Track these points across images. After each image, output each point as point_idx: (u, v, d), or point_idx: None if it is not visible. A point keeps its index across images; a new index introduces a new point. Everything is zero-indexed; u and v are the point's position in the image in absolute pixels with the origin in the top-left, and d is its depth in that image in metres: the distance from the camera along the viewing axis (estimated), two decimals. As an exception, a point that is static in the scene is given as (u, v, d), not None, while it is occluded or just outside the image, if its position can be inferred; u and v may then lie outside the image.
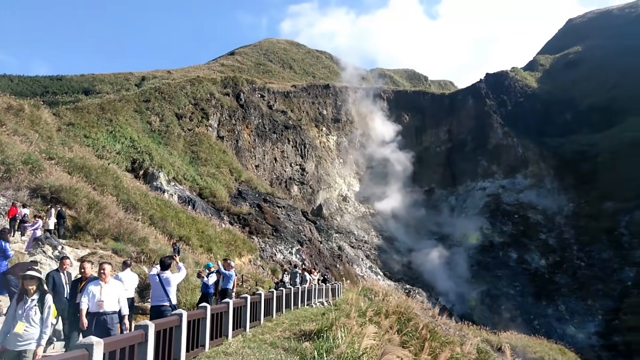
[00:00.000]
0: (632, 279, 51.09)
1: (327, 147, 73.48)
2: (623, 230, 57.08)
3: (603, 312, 49.35)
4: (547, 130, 77.06)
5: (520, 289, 56.79)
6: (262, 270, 30.07)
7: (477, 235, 66.48)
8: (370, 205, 72.36)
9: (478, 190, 73.81)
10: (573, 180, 68.19)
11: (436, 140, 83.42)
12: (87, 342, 4.42)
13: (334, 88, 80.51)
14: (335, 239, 58.09)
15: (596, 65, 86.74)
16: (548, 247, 61.02)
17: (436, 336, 12.42)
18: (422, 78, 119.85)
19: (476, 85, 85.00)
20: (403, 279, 58.86)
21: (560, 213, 65.00)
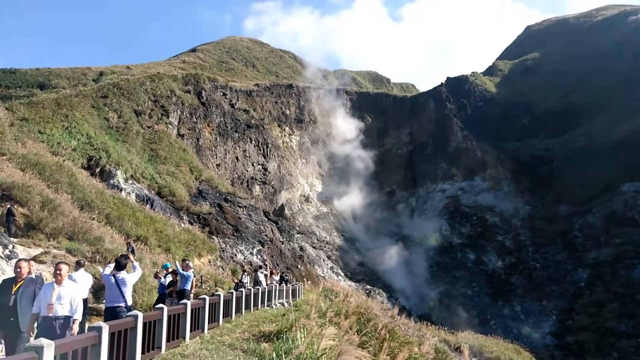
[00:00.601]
0: (585, 280, 53.02)
1: (290, 147, 73.31)
2: (577, 233, 59.25)
3: (557, 313, 50.97)
4: (505, 134, 79.32)
5: (478, 289, 58.11)
6: (222, 271, 29.67)
7: (436, 237, 67.70)
8: (332, 206, 72.65)
9: (438, 192, 75.22)
10: (529, 183, 70.40)
11: (398, 142, 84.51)
12: (37, 344, 4.21)
13: (297, 88, 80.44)
14: (297, 240, 58.00)
15: (552, 72, 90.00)
16: (505, 248, 62.69)
17: (395, 336, 12.53)
18: (385, 80, 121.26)
19: (437, 89, 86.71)
20: (364, 279, 59.33)
21: (517, 215, 66.92)
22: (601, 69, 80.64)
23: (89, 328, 5.70)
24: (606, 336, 44.62)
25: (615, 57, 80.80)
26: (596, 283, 51.53)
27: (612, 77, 76.52)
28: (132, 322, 6.84)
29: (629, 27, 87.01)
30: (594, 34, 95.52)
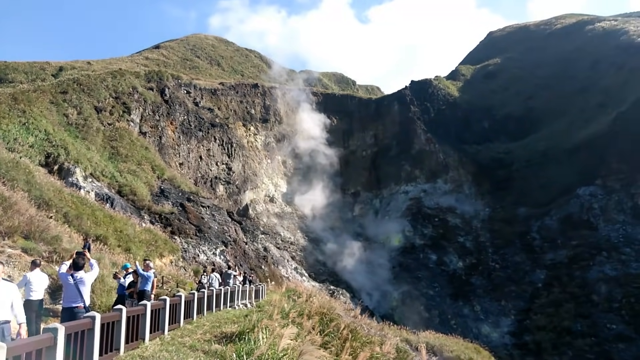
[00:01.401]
0: (542, 280, 54.65)
1: (255, 147, 72.83)
2: (535, 235, 61.05)
3: (515, 312, 52.31)
4: (467, 137, 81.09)
5: (439, 289, 59.10)
6: (185, 271, 29.22)
7: (399, 238, 68.54)
8: (297, 206, 72.56)
9: (401, 194, 76.18)
10: (489, 186, 72.16)
11: (362, 144, 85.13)
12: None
13: (262, 87, 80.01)
14: (261, 240, 57.66)
15: (513, 77, 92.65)
16: (465, 249, 64.00)
17: (357, 336, 12.62)
18: (351, 82, 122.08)
19: (402, 92, 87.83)
20: (328, 280, 59.50)
21: (477, 217, 68.44)
22: (560, 76, 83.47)
23: (44, 329, 5.53)
24: (562, 335, 46.13)
25: (574, 64, 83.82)
26: (553, 284, 53.20)
27: (571, 84, 79.30)
28: (90, 323, 6.68)
29: (586, 35, 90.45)
30: (554, 42, 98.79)
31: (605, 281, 49.48)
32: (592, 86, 74.28)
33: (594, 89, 73.41)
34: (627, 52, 73.24)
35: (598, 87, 72.78)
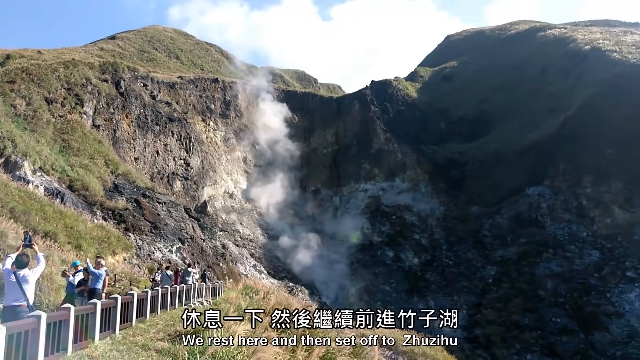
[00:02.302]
0: (492, 276, 56.50)
1: (214, 142, 71.89)
2: (486, 232, 63.00)
3: (467, 307, 53.88)
4: (424, 138, 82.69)
5: (395, 285, 60.18)
6: (139, 269, 28.62)
7: (358, 235, 69.34)
8: (256, 203, 72.17)
9: (360, 192, 77.04)
10: (445, 185, 73.93)
11: (323, 142, 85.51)
12: None
13: (223, 82, 79.02)
14: (219, 237, 57.08)
15: (469, 80, 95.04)
16: (421, 246, 65.39)
17: (314, 332, 12.73)
18: (312, 80, 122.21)
19: (362, 92, 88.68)
20: (287, 277, 59.55)
21: (433, 215, 70.01)
22: (512, 80, 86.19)
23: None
24: (511, 329, 47.88)
25: (525, 69, 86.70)
26: (502, 279, 55.08)
27: (522, 88, 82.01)
28: (34, 323, 6.51)
29: (537, 42, 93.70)
30: (507, 47, 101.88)
31: (551, 277, 51.68)
32: (542, 91, 77.13)
33: (544, 93, 76.25)
34: (575, 59, 76.43)
35: (547, 92, 75.65)
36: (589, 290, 48.54)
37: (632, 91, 58.63)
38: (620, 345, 42.16)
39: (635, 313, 44.31)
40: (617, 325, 44.06)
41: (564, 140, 61.97)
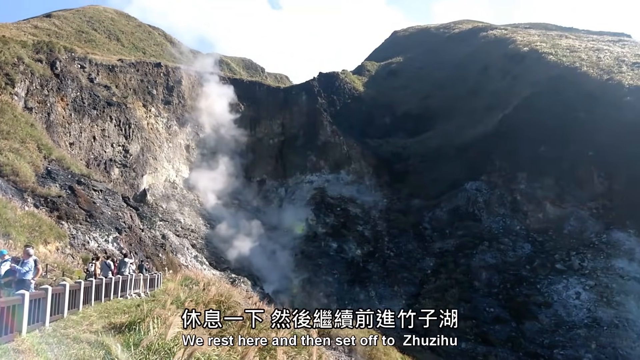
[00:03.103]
0: (431, 267, 58.28)
1: (156, 129, 69.63)
2: (426, 225, 64.84)
3: (406, 297, 55.34)
4: (369, 131, 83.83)
5: (338, 276, 60.86)
6: (72, 259, 27.36)
7: (302, 226, 69.52)
8: (199, 193, 70.71)
9: (306, 184, 77.23)
10: (388, 178, 75.40)
11: (270, 132, 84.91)
12: None
13: (166, 67, 76.58)
14: (159, 227, 55.53)
15: (413, 76, 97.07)
16: (364, 238, 66.44)
17: (255, 323, 12.64)
18: (260, 69, 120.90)
19: (310, 83, 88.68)
20: (229, 268, 58.83)
21: (376, 207, 71.25)
22: (454, 78, 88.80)
23: None
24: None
25: (467, 68, 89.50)
26: (440, 270, 56.94)
27: (463, 86, 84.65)
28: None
29: (479, 42, 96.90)
30: (451, 45, 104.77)
31: (486, 268, 53.97)
32: (482, 89, 79.93)
33: (483, 92, 79.06)
34: (514, 59, 79.64)
35: (487, 91, 78.48)
36: (520, 281, 51.03)
37: (565, 93, 61.89)
38: (548, 334, 44.65)
39: (563, 303, 47.01)
40: (545, 314, 46.60)
41: (501, 137, 64.60)
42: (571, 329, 44.22)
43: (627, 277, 46.42)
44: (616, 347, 41.09)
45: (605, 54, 71.64)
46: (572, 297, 47.21)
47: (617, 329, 42.44)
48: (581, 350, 41.87)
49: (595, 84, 61.38)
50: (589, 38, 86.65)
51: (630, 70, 63.30)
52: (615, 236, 50.24)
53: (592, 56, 70.62)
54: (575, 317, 45.24)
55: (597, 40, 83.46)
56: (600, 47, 76.03)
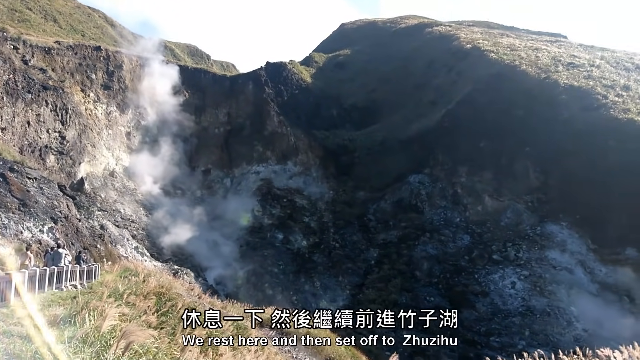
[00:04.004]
0: (375, 258, 59.38)
1: (95, 116, 66.65)
2: (371, 217, 65.96)
3: (350, 287, 56.16)
4: (316, 123, 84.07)
5: (283, 267, 60.93)
6: (4, 249, 25.85)
7: (248, 217, 68.92)
8: (140, 182, 68.50)
9: (252, 174, 76.50)
10: (334, 170, 75.99)
11: (215, 121, 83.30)
12: None
13: (106, 51, 73.29)
14: (97, 217, 53.40)
15: (360, 69, 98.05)
16: (310, 229, 66.76)
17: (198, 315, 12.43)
18: (205, 56, 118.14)
19: (257, 72, 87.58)
20: (171, 259, 57.55)
21: (322, 199, 71.71)
22: (400, 72, 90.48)
23: None
24: (389, 307, 50.75)
25: (413, 62, 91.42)
26: (384, 261, 58.16)
27: (409, 81, 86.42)
28: None
29: (425, 37, 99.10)
30: (397, 40, 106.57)
31: (427, 259, 55.65)
32: (426, 85, 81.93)
33: (428, 87, 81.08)
34: (457, 56, 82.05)
35: (431, 86, 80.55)
36: (459, 271, 52.96)
37: (505, 90, 64.45)
38: (485, 322, 46.62)
39: (499, 292, 49.20)
40: (482, 303, 48.62)
41: (444, 132, 66.54)
42: (506, 317, 46.38)
43: (559, 267, 49.13)
44: (548, 333, 43.48)
45: (543, 53, 75.11)
46: (507, 287, 49.48)
47: (548, 317, 44.90)
48: (515, 337, 44.01)
49: (534, 82, 64.29)
50: (529, 37, 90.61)
51: (566, 70, 66.75)
52: (549, 228, 53.00)
53: (531, 55, 73.85)
54: (511, 306, 47.48)
55: (536, 40, 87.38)
56: (538, 47, 79.64)
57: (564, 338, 42.46)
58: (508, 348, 42.08)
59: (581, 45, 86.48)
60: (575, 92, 60.22)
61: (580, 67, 68.24)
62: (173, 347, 8.29)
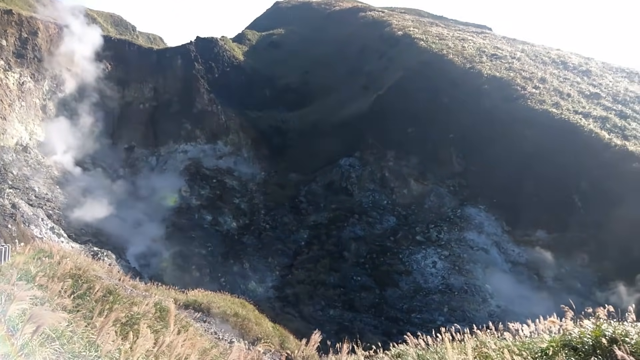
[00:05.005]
0: (305, 239, 59.81)
1: (6, 86, 61.45)
2: (302, 199, 66.22)
3: (280, 269, 56.28)
4: (249, 102, 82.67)
5: (212, 249, 59.88)
6: None
7: (175, 197, 66.90)
8: (57, 159, 64.29)
9: (180, 153, 74.18)
10: (267, 151, 75.34)
11: (140, 96, 79.56)
12: None
13: (19, 16, 67.50)
14: (8, 195, 49.63)
15: (294, 50, 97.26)
16: (240, 210, 65.96)
17: (118, 298, 11.86)
18: (130, 27, 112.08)
19: (186, 47, 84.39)
20: (91, 241, 54.70)
21: (253, 180, 71.00)
22: (334, 56, 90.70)
23: None
24: (318, 287, 51.54)
25: (346, 46, 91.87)
26: (313, 242, 58.77)
27: (342, 64, 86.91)
28: None
29: (358, 22, 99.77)
30: (331, 23, 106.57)
31: (355, 240, 56.88)
32: (359, 70, 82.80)
33: (360, 72, 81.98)
34: (388, 42, 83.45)
35: (363, 71, 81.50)
36: (385, 252, 54.61)
37: (432, 78, 66.54)
38: (407, 299, 48.54)
39: (421, 271, 51.33)
40: (405, 282, 50.55)
41: (375, 117, 67.80)
42: (427, 295, 48.53)
43: (476, 247, 52.05)
44: (464, 310, 46.01)
45: (469, 43, 78.12)
46: (429, 266, 51.73)
47: (465, 294, 47.49)
48: (435, 314, 46.19)
49: (459, 72, 66.83)
50: (457, 28, 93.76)
51: (489, 61, 69.91)
52: (468, 211, 55.89)
53: (458, 45, 76.57)
54: (431, 284, 49.72)
55: (463, 31, 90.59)
56: (465, 37, 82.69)
57: (479, 314, 45.10)
58: (428, 324, 44.05)
59: (504, 38, 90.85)
60: (497, 82, 63.34)
61: (502, 59, 71.75)
62: (90, 330, 7.78)
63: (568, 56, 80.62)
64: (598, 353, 6.14)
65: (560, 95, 61.45)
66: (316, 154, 69.92)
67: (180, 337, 7.37)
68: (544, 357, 6.58)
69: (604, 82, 69.46)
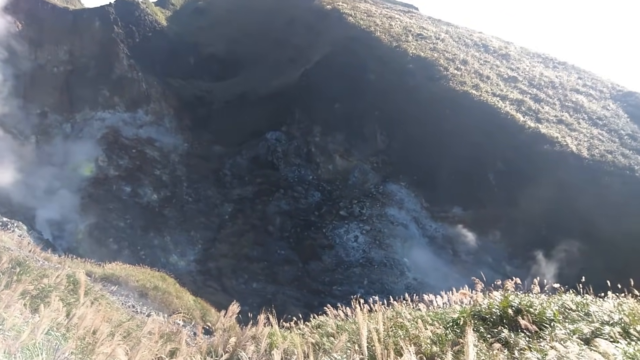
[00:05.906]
0: (229, 213, 59.37)
1: None
2: (227, 172, 65.38)
3: (203, 242, 55.64)
4: (172, 71, 79.51)
5: (131, 221, 57.95)
6: None
7: (91, 167, 63.73)
8: (-43, 123, 58.90)
9: (97, 121, 70.38)
10: (190, 122, 73.22)
11: (54, 59, 74.09)
12: None
13: None
14: None
15: (221, 19, 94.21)
16: (161, 182, 64.07)
17: (27, 269, 11.40)
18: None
19: (105, 8, 79.16)
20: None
21: (176, 151, 68.99)
22: (262, 26, 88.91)
23: None
24: (241, 261, 51.69)
25: (275, 18, 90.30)
26: (238, 216, 58.54)
27: (270, 36, 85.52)
28: None
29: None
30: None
31: (280, 214, 57.34)
32: (287, 42, 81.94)
33: (288, 44, 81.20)
34: (317, 15, 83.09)
35: (291, 44, 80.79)
36: (309, 226, 55.60)
37: (359, 54, 67.34)
38: (329, 272, 49.97)
39: (343, 245, 52.88)
40: (328, 255, 51.90)
41: (302, 91, 67.78)
42: (348, 268, 50.21)
43: (397, 223, 54.31)
44: (383, 282, 48.15)
45: (396, 22, 79.60)
46: (351, 240, 53.38)
47: (385, 267, 49.64)
48: (355, 286, 47.96)
49: (385, 50, 68.12)
50: (384, 5, 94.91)
51: (415, 41, 71.76)
52: (390, 188, 57.97)
53: (385, 23, 77.81)
54: (353, 258, 51.44)
55: (390, 9, 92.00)
56: (392, 15, 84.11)
57: (397, 286, 47.41)
58: (348, 296, 45.33)
59: (430, 18, 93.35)
60: (422, 62, 65.32)
61: (427, 39, 73.91)
62: (-4, 305, 7.50)
63: (489, 39, 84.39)
64: (505, 322, 6.79)
65: (480, 77, 64.54)
66: (242, 126, 68.97)
67: (91, 309, 7.30)
68: (455, 327, 7.05)
69: (521, 67, 73.56)
